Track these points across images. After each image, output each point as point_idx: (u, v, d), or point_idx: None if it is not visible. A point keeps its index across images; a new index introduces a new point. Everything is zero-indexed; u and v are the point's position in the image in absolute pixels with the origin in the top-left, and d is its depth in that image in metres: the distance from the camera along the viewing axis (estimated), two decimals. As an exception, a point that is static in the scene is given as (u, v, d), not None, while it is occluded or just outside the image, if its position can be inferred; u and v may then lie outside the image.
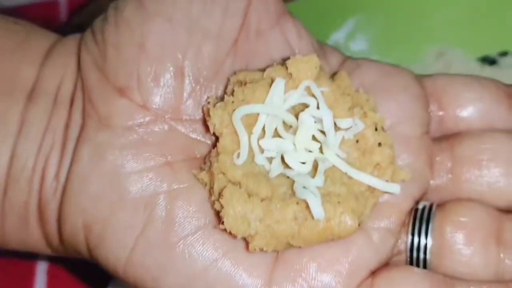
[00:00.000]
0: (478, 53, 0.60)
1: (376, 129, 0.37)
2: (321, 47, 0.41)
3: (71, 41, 0.40)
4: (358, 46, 0.61)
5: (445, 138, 0.41)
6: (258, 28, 0.39)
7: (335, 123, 0.36)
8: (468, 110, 0.41)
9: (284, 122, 0.37)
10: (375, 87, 0.40)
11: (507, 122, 0.41)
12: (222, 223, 0.35)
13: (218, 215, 0.36)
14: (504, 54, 0.60)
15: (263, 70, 0.38)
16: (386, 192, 0.37)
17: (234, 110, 0.36)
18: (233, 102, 0.36)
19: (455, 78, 0.42)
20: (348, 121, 0.37)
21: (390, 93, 0.40)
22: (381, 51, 0.61)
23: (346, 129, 0.37)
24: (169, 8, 0.37)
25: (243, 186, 0.35)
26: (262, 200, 0.35)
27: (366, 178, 0.36)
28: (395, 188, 0.37)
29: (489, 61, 0.60)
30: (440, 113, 0.41)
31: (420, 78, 0.42)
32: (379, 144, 0.37)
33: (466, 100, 0.41)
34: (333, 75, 0.39)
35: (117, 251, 0.36)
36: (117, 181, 0.36)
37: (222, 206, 0.35)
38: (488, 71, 0.60)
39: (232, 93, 0.37)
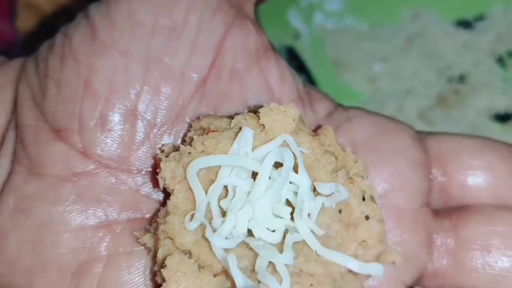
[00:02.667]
0: (453, 16, 0.59)
1: (363, 199, 0.31)
2: (308, 92, 0.35)
3: (11, 67, 0.34)
4: (333, 6, 0.59)
5: (447, 213, 0.34)
6: (232, 67, 0.32)
7: (314, 188, 0.30)
8: (477, 180, 0.34)
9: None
10: (367, 147, 0.33)
11: None
12: None
13: None
14: (479, 18, 0.59)
15: (233, 117, 0.31)
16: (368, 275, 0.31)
17: (190, 162, 0.29)
18: (189, 153, 0.30)
19: (463, 140, 0.35)
20: (329, 186, 0.30)
21: (384, 155, 0.34)
22: (356, 11, 0.59)
23: (327, 196, 0.30)
24: (125, 39, 0.31)
25: (193, 256, 0.29)
26: (215, 275, 0.29)
27: (340, 258, 0.29)
28: (377, 269, 0.30)
29: (464, 24, 0.59)
30: (444, 180, 0.35)
31: (422, 137, 0.35)
32: (366, 217, 0.31)
33: (475, 168, 0.34)
34: (316, 129, 0.33)
35: None
36: (42, 243, 0.30)
37: (163, 280, 0.28)
38: (463, 34, 0.59)
39: (191, 143, 0.30)
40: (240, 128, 0.30)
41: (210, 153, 0.30)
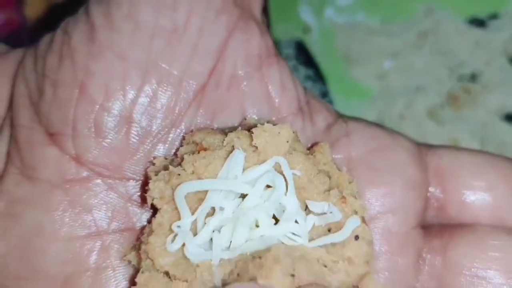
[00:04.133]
0: (466, 13, 0.59)
1: None
2: (309, 101, 0.33)
3: (9, 59, 0.33)
4: (344, 0, 0.59)
5: (439, 232, 0.33)
6: (233, 74, 0.31)
7: (306, 207, 0.30)
8: (476, 199, 0.33)
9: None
10: (364, 164, 0.32)
11: None
12: None
13: None
14: (493, 17, 0.58)
15: (231, 129, 0.31)
16: None
17: (179, 184, 0.29)
18: (179, 174, 0.29)
19: (464, 157, 0.34)
20: (321, 205, 0.29)
21: (380, 173, 0.33)
22: (367, 6, 0.59)
23: (319, 215, 0.30)
24: (124, 42, 0.30)
25: (172, 277, 0.29)
26: (187, 281, 0.29)
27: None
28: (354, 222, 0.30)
29: (477, 22, 0.58)
30: (442, 197, 0.33)
31: (422, 152, 0.34)
32: (356, 237, 0.29)
33: (474, 187, 0.33)
34: (312, 145, 0.32)
35: None
36: (31, 251, 0.29)
37: None
38: (476, 32, 0.58)
39: (180, 163, 0.29)
40: (233, 147, 0.29)
41: (200, 174, 0.29)
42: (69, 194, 0.30)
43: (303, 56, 0.57)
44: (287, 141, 0.30)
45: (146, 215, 0.31)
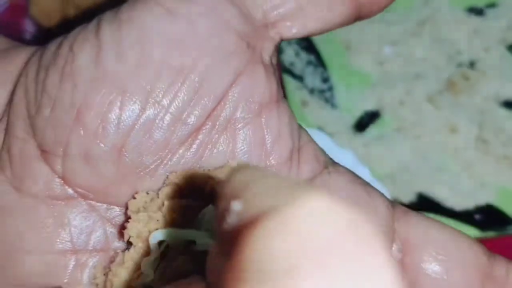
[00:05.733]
0: (465, 2, 0.59)
1: None
2: (300, 150, 0.33)
3: (14, 62, 0.32)
4: (344, -11, 0.59)
5: None
6: (230, 118, 0.31)
7: None
8: (433, 275, 0.33)
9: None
10: None
11: None
12: None
13: None
14: (491, 5, 0.59)
15: (215, 171, 0.31)
16: None
17: (156, 229, 0.30)
18: (157, 220, 0.30)
19: (432, 230, 0.34)
20: None
21: None
22: (368, -5, 0.59)
23: None
24: (128, 74, 0.29)
25: None
26: None
27: None
28: None
29: (476, 11, 0.59)
30: (403, 258, 0.33)
31: (395, 216, 0.34)
32: None
33: (431, 272, 0.33)
34: None
35: None
36: (9, 260, 0.30)
37: None
38: (474, 21, 0.59)
39: (161, 208, 0.30)
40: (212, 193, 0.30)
41: (177, 220, 0.30)
42: (53, 210, 0.30)
43: (305, 42, 0.58)
44: None
45: (123, 241, 0.31)
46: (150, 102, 0.29)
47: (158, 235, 0.30)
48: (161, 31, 0.30)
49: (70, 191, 0.30)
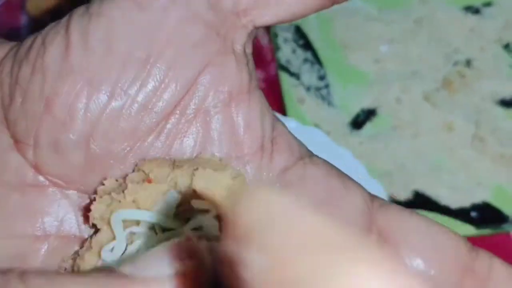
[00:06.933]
0: (462, 1, 0.59)
1: None
2: (275, 139, 0.33)
3: None
4: (341, -13, 0.59)
5: None
6: (199, 107, 0.31)
7: None
8: (411, 266, 0.33)
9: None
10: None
11: None
12: None
13: None
14: (488, 4, 0.59)
15: (184, 162, 0.31)
16: None
17: (118, 210, 0.31)
18: (120, 201, 0.31)
19: (410, 225, 0.34)
20: None
21: None
22: (365, -6, 0.59)
23: None
24: (95, 67, 0.30)
25: None
26: None
27: None
28: None
29: (472, 10, 0.59)
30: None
31: (374, 208, 0.34)
32: None
33: (410, 261, 0.33)
34: None
35: None
36: None
37: None
38: (471, 20, 0.59)
39: (124, 190, 0.31)
40: (176, 184, 0.31)
41: (139, 204, 0.31)
42: (25, 197, 0.31)
43: (302, 40, 0.58)
44: (226, 189, 0.30)
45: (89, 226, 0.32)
46: (116, 92, 0.30)
47: (119, 215, 0.30)
48: (128, 23, 0.30)
49: (41, 179, 0.31)
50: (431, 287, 0.32)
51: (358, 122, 0.56)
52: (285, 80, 0.57)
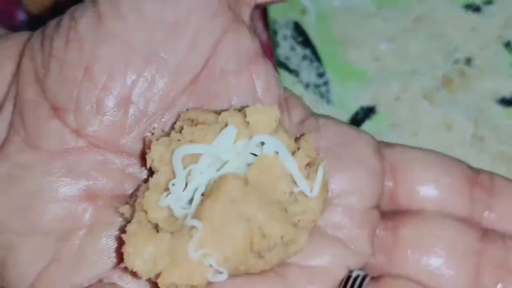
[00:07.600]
0: (462, -1, 0.59)
1: None
2: (287, 99, 0.37)
3: (14, 40, 0.35)
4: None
5: (392, 216, 0.38)
6: (223, 68, 0.34)
7: None
8: (423, 192, 0.38)
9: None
10: (329, 154, 0.36)
11: (462, 210, 0.37)
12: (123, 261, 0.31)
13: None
14: (488, 2, 0.59)
15: (219, 112, 0.34)
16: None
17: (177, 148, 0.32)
18: (179, 140, 0.32)
19: (416, 154, 0.39)
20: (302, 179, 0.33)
21: (343, 163, 0.37)
22: (364, -9, 0.59)
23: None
24: (129, 30, 0.33)
25: (161, 231, 0.31)
26: (172, 233, 0.31)
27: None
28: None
29: (473, 8, 0.59)
30: (394, 188, 0.38)
31: (381, 148, 0.38)
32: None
33: (422, 181, 0.38)
34: (299, 137, 0.36)
35: (16, 284, 0.32)
36: (30, 210, 0.33)
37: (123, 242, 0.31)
38: (471, 18, 0.59)
39: (181, 131, 0.33)
40: (226, 124, 0.33)
41: (197, 142, 0.32)
42: (67, 161, 0.33)
43: (301, 37, 0.58)
44: (275, 120, 0.33)
45: (138, 183, 0.34)
46: (151, 54, 0.33)
47: (181, 151, 0.32)
48: None
49: (82, 143, 0.33)
50: (448, 196, 0.38)
51: (357, 120, 0.56)
52: (284, 77, 0.57)
